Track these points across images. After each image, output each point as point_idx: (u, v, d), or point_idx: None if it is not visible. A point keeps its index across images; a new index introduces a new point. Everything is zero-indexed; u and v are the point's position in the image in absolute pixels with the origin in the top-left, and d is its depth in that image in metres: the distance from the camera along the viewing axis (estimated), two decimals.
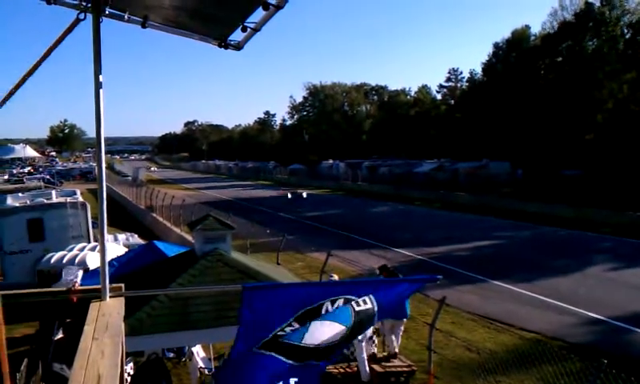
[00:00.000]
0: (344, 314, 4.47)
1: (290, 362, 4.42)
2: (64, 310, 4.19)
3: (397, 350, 12.23)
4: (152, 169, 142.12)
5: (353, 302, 4.44)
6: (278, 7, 3.17)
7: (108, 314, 3.60)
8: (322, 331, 4.47)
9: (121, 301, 3.95)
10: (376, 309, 4.49)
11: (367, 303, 4.47)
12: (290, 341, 4.40)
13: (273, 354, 4.40)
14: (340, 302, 4.36)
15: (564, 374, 9.51)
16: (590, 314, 17.01)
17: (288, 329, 4.27)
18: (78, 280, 9.23)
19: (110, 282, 4.02)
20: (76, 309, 4.02)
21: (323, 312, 4.32)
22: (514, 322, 16.09)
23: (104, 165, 3.95)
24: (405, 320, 12.22)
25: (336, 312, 4.43)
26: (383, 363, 12.06)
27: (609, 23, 55.59)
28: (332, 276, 14.71)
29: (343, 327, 4.51)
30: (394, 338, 12.16)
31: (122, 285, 4.18)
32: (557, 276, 21.63)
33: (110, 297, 3.94)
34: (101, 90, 3.73)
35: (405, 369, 11.93)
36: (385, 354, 12.71)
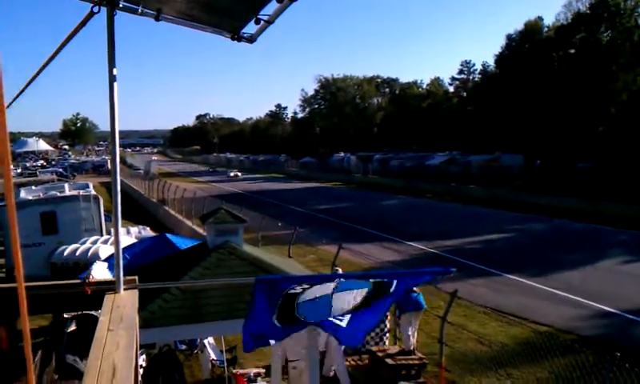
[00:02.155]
0: (360, 284, 4.54)
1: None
2: (78, 302, 4.22)
3: (412, 347, 12.23)
4: (235, 174, 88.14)
5: (370, 280, 4.53)
6: (292, 0, 3.16)
7: (122, 306, 3.63)
8: (344, 299, 4.55)
9: (135, 293, 3.98)
10: (394, 282, 4.55)
11: (384, 279, 4.54)
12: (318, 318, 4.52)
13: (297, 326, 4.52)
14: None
15: (577, 368, 9.46)
16: (603, 307, 16.93)
17: (297, 287, 4.36)
18: (93, 272, 9.27)
19: (124, 275, 4.05)
20: (90, 301, 4.05)
21: (335, 284, 4.41)
22: (526, 315, 16.03)
23: (118, 158, 3.97)
24: (422, 312, 12.24)
25: (352, 283, 4.52)
26: (394, 356, 12.06)
27: (623, 14, 55.07)
28: (337, 269, 14.74)
29: (363, 290, 4.57)
30: (410, 333, 12.14)
31: (136, 277, 4.20)
32: (570, 269, 21.52)
33: (125, 289, 3.96)
34: (115, 83, 3.75)
35: (416, 362, 11.93)
36: (396, 347, 12.73)
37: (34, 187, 27.04)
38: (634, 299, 17.43)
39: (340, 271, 14.20)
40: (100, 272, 9.95)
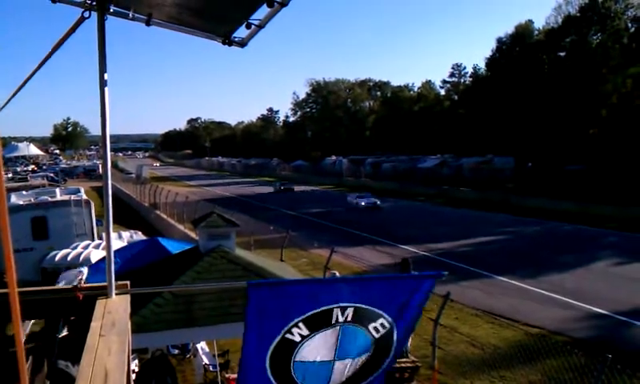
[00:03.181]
0: (363, 343, 4.44)
1: None
2: (69, 307, 4.20)
3: (405, 350, 12.24)
4: None
5: (371, 328, 4.40)
6: (283, 4, 3.16)
7: (114, 311, 3.61)
8: (347, 370, 4.48)
9: (127, 298, 3.96)
10: (395, 327, 4.47)
11: (386, 326, 4.43)
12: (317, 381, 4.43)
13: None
14: (350, 312, 4.29)
15: (569, 370, 9.49)
16: (594, 308, 17.00)
17: (295, 330, 4.22)
18: (84, 278, 9.24)
19: (115, 280, 4.02)
20: (81, 306, 4.03)
21: (333, 321, 4.27)
22: (517, 317, 16.08)
23: (109, 162, 3.95)
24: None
25: (354, 343, 4.40)
26: None
27: (613, 17, 55.42)
28: (334, 273, 14.71)
29: (365, 356, 4.51)
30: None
31: (128, 282, 4.18)
32: (562, 271, 21.61)
33: (116, 294, 3.94)
34: (106, 88, 3.73)
35: (409, 365, 11.93)
36: None
37: (24, 192, 26.88)
38: (625, 301, 17.52)
39: (337, 274, 14.19)
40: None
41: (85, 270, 10.97)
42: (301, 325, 4.20)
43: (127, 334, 3.36)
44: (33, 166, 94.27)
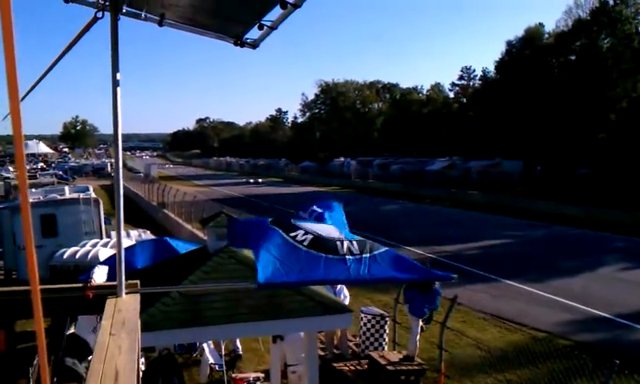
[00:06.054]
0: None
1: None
2: (78, 305, 4.23)
3: (415, 354, 12.23)
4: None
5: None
6: (296, 6, 3.17)
7: (124, 311, 3.63)
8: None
9: (136, 297, 3.98)
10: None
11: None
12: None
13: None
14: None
15: (576, 375, 9.46)
16: (602, 313, 16.92)
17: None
18: (94, 276, 9.25)
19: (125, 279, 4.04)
20: (91, 305, 4.05)
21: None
22: (525, 321, 16.02)
23: (121, 161, 3.98)
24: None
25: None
26: (393, 361, 12.05)
27: (624, 21, 55.18)
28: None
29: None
30: (417, 338, 12.16)
31: (138, 281, 4.21)
32: (569, 276, 21.52)
33: (126, 293, 3.97)
34: (118, 88, 3.76)
35: (415, 367, 11.91)
36: (396, 352, 12.73)
37: (33, 190, 27.00)
38: (633, 306, 17.44)
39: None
40: (100, 276, 9.94)
41: (96, 269, 11.02)
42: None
43: (137, 333, 3.39)
44: (42, 164, 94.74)
